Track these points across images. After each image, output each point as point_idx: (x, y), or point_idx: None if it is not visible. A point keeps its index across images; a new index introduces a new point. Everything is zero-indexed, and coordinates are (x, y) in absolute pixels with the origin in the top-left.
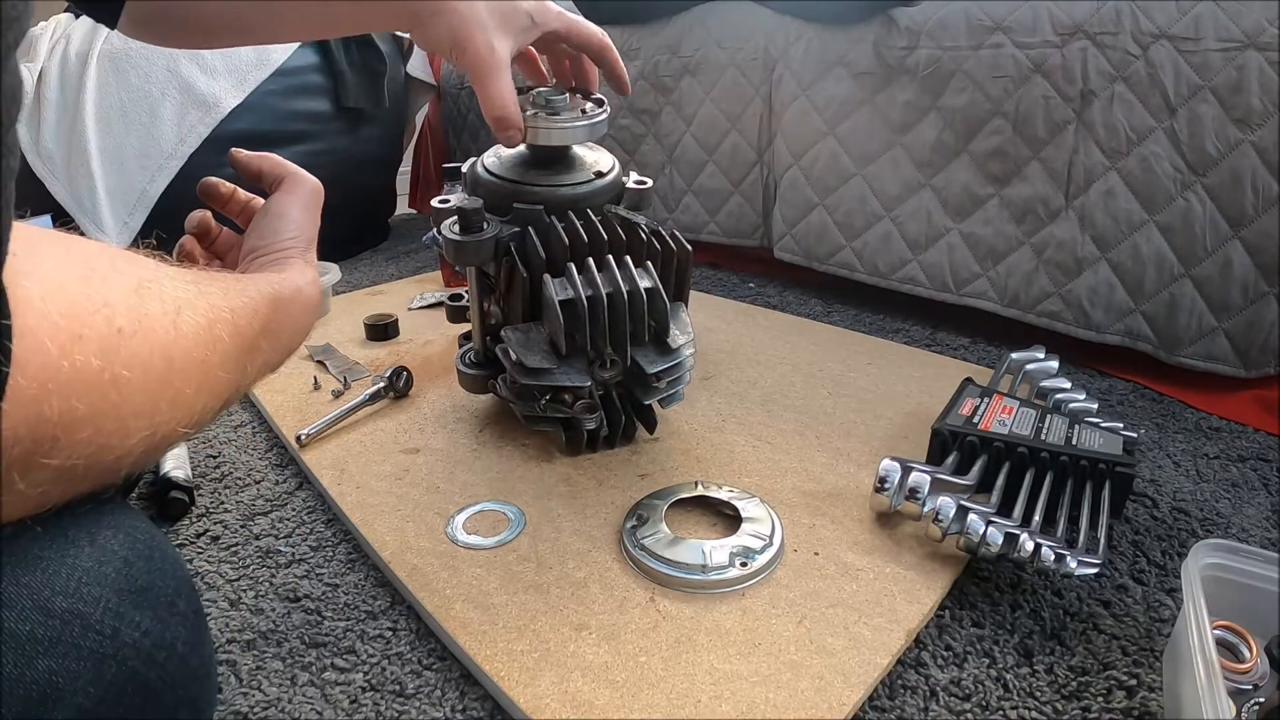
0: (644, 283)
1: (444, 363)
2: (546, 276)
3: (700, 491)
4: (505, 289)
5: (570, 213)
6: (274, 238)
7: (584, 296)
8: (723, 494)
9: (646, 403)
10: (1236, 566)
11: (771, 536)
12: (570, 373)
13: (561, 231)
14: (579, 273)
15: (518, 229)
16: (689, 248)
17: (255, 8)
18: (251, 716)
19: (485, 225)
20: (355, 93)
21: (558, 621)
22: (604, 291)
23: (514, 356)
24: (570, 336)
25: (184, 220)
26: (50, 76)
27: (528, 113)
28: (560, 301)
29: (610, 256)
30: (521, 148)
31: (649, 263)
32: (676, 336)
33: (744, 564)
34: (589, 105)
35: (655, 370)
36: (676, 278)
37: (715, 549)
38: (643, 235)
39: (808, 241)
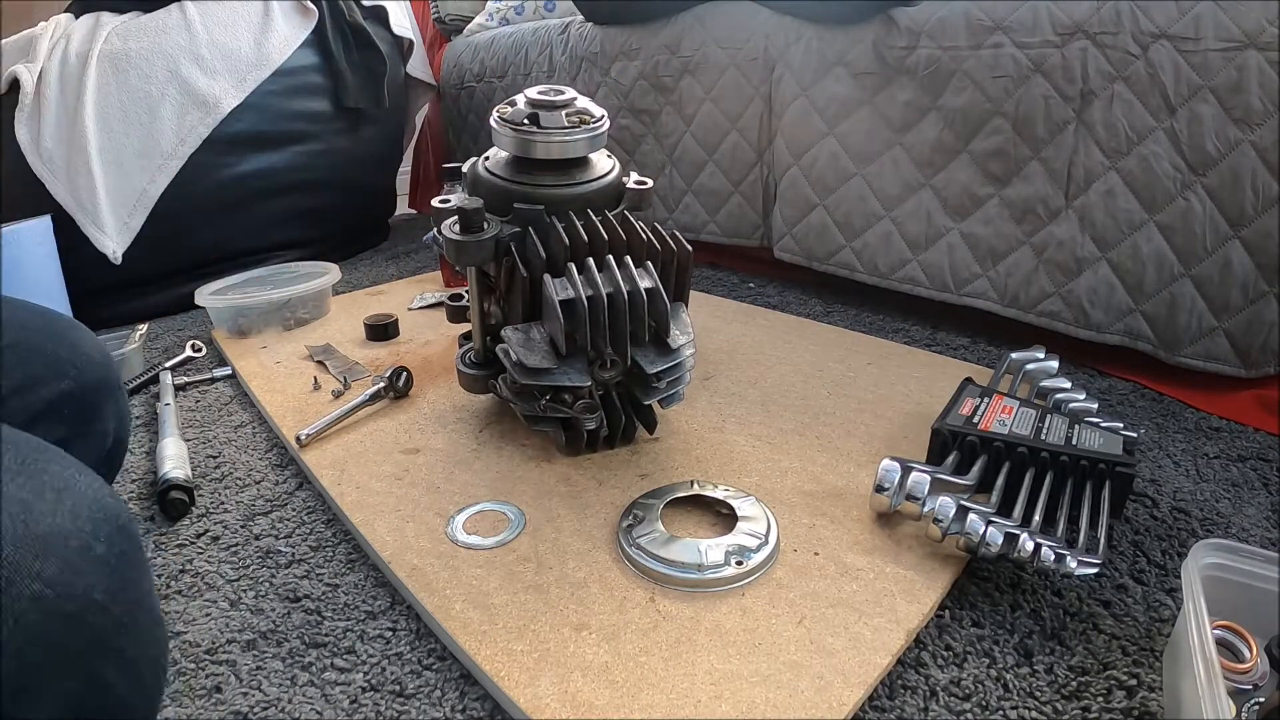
0: (644, 283)
1: (444, 363)
2: (547, 276)
3: (696, 490)
4: (505, 289)
5: (570, 213)
6: None
7: (584, 296)
8: (718, 493)
9: (646, 403)
10: (1236, 566)
11: (767, 535)
12: (570, 373)
13: (561, 231)
14: (579, 273)
15: (518, 229)
16: (689, 248)
17: None
18: (251, 716)
19: (486, 225)
20: (355, 93)
21: (558, 621)
22: (604, 291)
23: (514, 356)
24: (570, 336)
25: (184, 220)
26: (50, 77)
27: (523, 125)
28: (560, 301)
29: (610, 256)
30: (522, 151)
31: (649, 263)
32: (677, 337)
33: (739, 563)
34: (590, 115)
35: (655, 370)
36: (676, 278)
37: (710, 548)
38: (643, 235)
39: (808, 241)
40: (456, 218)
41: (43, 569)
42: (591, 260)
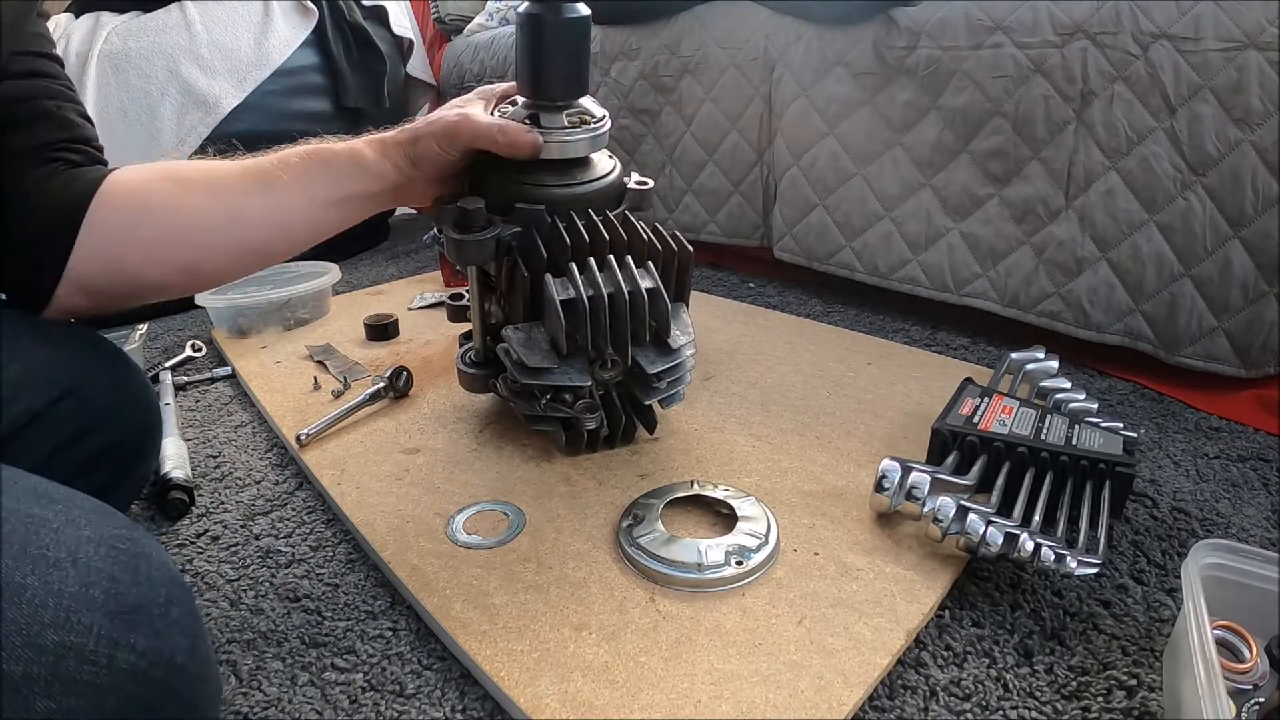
0: (645, 283)
1: (444, 363)
2: (548, 276)
3: (696, 490)
4: (506, 288)
5: (572, 213)
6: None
7: (585, 296)
8: (718, 493)
9: (647, 403)
10: (1236, 566)
11: (767, 535)
12: (571, 372)
13: (563, 231)
14: (580, 272)
15: (519, 228)
16: (690, 248)
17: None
18: (251, 716)
19: (487, 225)
20: (355, 93)
21: (558, 621)
22: (605, 291)
23: (515, 356)
24: (571, 336)
25: None
26: None
27: (525, 125)
28: (561, 301)
29: (611, 256)
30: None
31: (650, 263)
32: (677, 337)
33: (739, 563)
34: (590, 116)
35: (656, 370)
36: (677, 278)
37: (710, 548)
38: (644, 235)
39: (808, 241)
40: (458, 217)
41: (135, 641)
42: (593, 260)
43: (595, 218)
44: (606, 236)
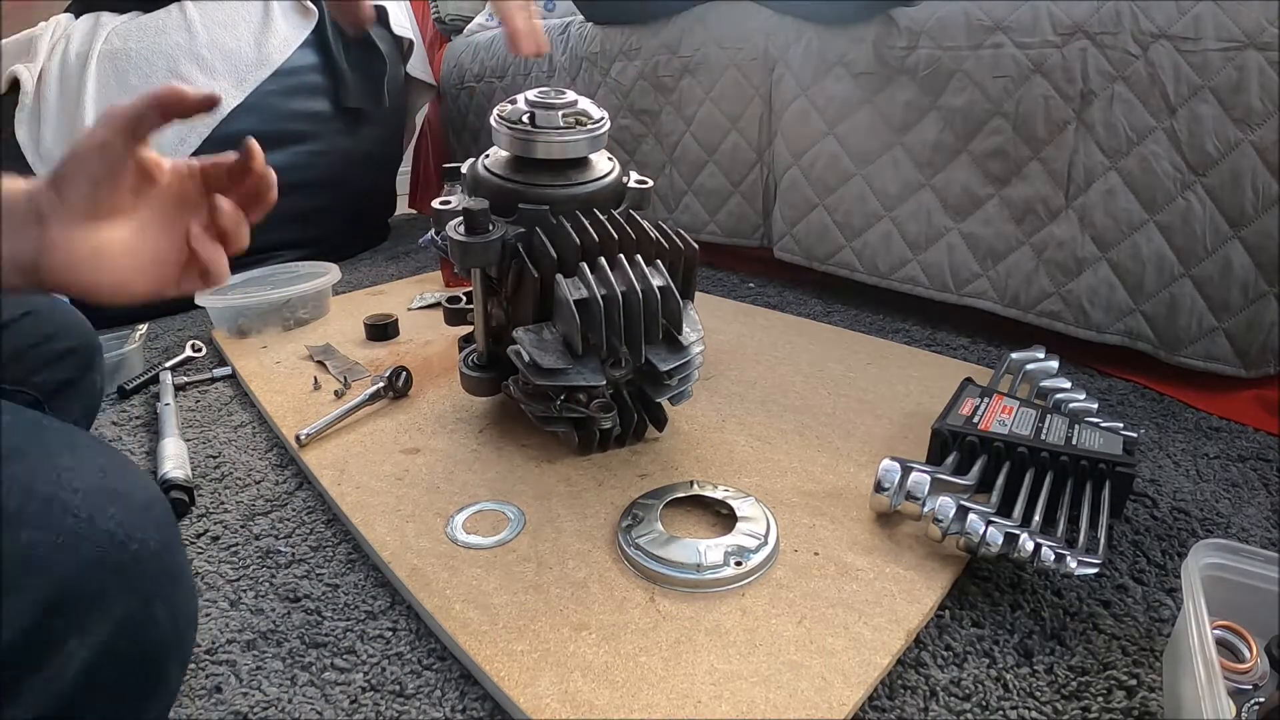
0: (656, 281)
1: (444, 363)
2: (560, 276)
3: (695, 491)
4: (513, 290)
5: (577, 212)
6: None
7: (599, 296)
8: (718, 493)
9: (658, 400)
10: (1236, 566)
11: (766, 535)
12: (585, 372)
13: (571, 231)
14: (591, 272)
15: (523, 229)
16: (695, 246)
17: None
18: (251, 716)
19: (491, 226)
20: (355, 93)
21: (558, 621)
22: (619, 290)
23: (527, 358)
24: (584, 336)
25: None
26: (50, 77)
27: (524, 125)
28: (575, 301)
29: (621, 255)
30: (523, 151)
31: (659, 261)
32: (688, 334)
33: (739, 563)
34: (588, 116)
35: (668, 368)
36: (684, 276)
37: (710, 548)
38: (651, 234)
39: (808, 241)
40: (462, 219)
41: (115, 512)
42: (603, 259)
43: (602, 217)
44: (615, 235)
